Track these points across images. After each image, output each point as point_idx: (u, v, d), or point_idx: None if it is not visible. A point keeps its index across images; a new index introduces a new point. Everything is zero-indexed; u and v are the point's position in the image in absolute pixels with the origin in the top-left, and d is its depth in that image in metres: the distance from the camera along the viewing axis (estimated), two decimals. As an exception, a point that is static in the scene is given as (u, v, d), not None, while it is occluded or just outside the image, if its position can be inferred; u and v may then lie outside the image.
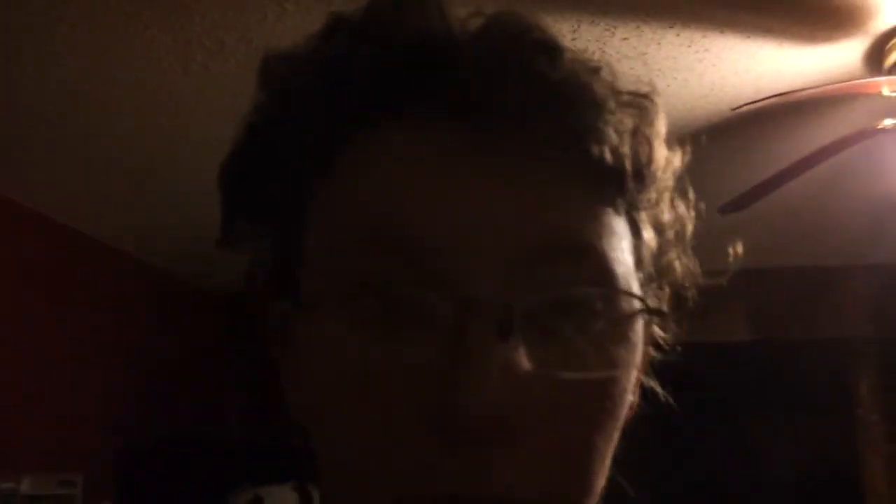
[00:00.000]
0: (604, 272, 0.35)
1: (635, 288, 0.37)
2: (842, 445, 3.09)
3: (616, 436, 0.37)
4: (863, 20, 1.56)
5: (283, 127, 0.37)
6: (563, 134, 0.34)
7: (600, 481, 0.36)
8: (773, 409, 3.20)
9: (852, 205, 2.41)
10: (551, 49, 0.36)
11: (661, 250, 0.40)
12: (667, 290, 0.41)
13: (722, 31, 1.60)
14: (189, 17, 1.54)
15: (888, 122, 1.68)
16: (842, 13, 1.54)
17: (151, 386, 2.90)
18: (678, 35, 1.60)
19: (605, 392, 0.35)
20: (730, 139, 2.03)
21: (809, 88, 1.56)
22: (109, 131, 2.00)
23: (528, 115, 0.34)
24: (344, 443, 0.35)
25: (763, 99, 1.53)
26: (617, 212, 0.36)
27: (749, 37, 1.61)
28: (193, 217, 2.60)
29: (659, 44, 1.63)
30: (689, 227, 0.42)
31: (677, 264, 0.41)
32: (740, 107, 1.57)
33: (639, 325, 0.37)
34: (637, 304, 0.36)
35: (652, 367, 0.42)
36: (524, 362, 0.33)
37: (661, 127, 0.38)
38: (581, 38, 1.61)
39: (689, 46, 1.64)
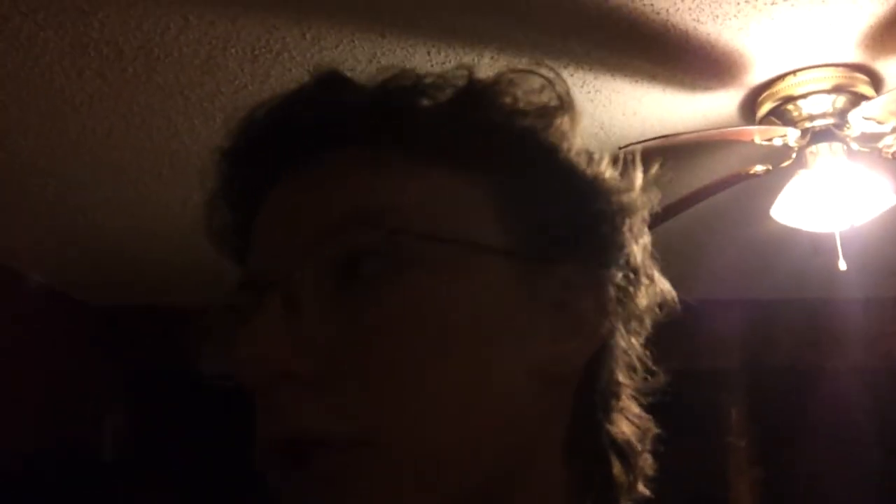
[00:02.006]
0: (383, 224, 0.39)
1: (455, 233, 0.39)
2: (713, 470, 3.25)
3: (463, 370, 0.38)
4: (738, 73, 1.69)
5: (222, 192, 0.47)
6: (354, 130, 0.42)
7: (439, 419, 0.37)
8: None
9: (725, 243, 2.58)
10: (335, 82, 0.43)
11: (530, 198, 0.42)
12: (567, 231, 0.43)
13: (612, 75, 1.69)
14: (87, 21, 1.50)
15: (759, 167, 1.82)
16: (720, 65, 1.66)
17: (18, 403, 2.74)
18: (571, 75, 1.69)
19: (405, 326, 0.38)
20: (617, 176, 2.14)
21: (690, 133, 1.67)
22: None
23: (324, 132, 0.42)
24: None
25: (648, 140, 1.62)
26: (430, 176, 0.41)
27: (637, 81, 1.72)
28: (72, 228, 2.49)
29: (554, 82, 1.71)
30: (572, 181, 0.44)
31: (554, 207, 0.43)
32: (627, 146, 1.66)
33: (464, 263, 0.39)
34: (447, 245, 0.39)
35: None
36: (316, 322, 0.38)
37: (481, 107, 0.43)
38: (482, 71, 1.67)
39: (582, 87, 1.73)
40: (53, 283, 2.97)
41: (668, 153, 1.96)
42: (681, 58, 1.63)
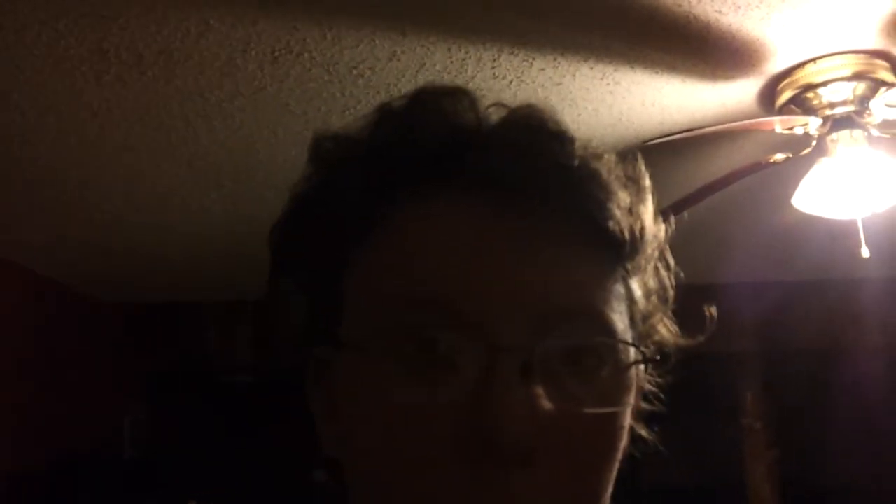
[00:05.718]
0: (607, 327, 0.42)
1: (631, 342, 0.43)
2: (729, 453, 3.27)
3: (615, 466, 0.43)
4: (759, 62, 1.68)
5: (327, 200, 0.43)
6: (577, 209, 0.41)
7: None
8: (665, 417, 3.35)
9: (743, 228, 2.58)
10: (563, 137, 0.43)
11: (647, 313, 0.46)
12: (651, 347, 0.47)
13: (632, 67, 1.69)
14: (107, 27, 1.50)
15: (779, 155, 1.81)
16: (741, 55, 1.66)
17: (41, 404, 2.76)
18: (592, 68, 1.68)
19: (609, 426, 0.42)
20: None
21: (713, 126, 1.67)
22: (12, 136, 1.91)
23: (547, 191, 0.41)
24: (383, 471, 0.40)
25: (673, 134, 1.62)
26: (616, 278, 0.43)
27: (656, 72, 1.71)
28: (94, 228, 2.51)
29: (574, 75, 1.71)
30: (671, 293, 0.48)
31: (661, 327, 0.48)
32: (650, 140, 1.66)
33: (633, 373, 0.43)
34: (634, 354, 0.43)
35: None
36: (543, 398, 0.39)
37: (650, 203, 0.45)
38: (501, 66, 1.67)
39: (602, 79, 1.73)
40: (72, 283, 2.98)
41: (688, 142, 1.96)
42: (701, 48, 1.62)
